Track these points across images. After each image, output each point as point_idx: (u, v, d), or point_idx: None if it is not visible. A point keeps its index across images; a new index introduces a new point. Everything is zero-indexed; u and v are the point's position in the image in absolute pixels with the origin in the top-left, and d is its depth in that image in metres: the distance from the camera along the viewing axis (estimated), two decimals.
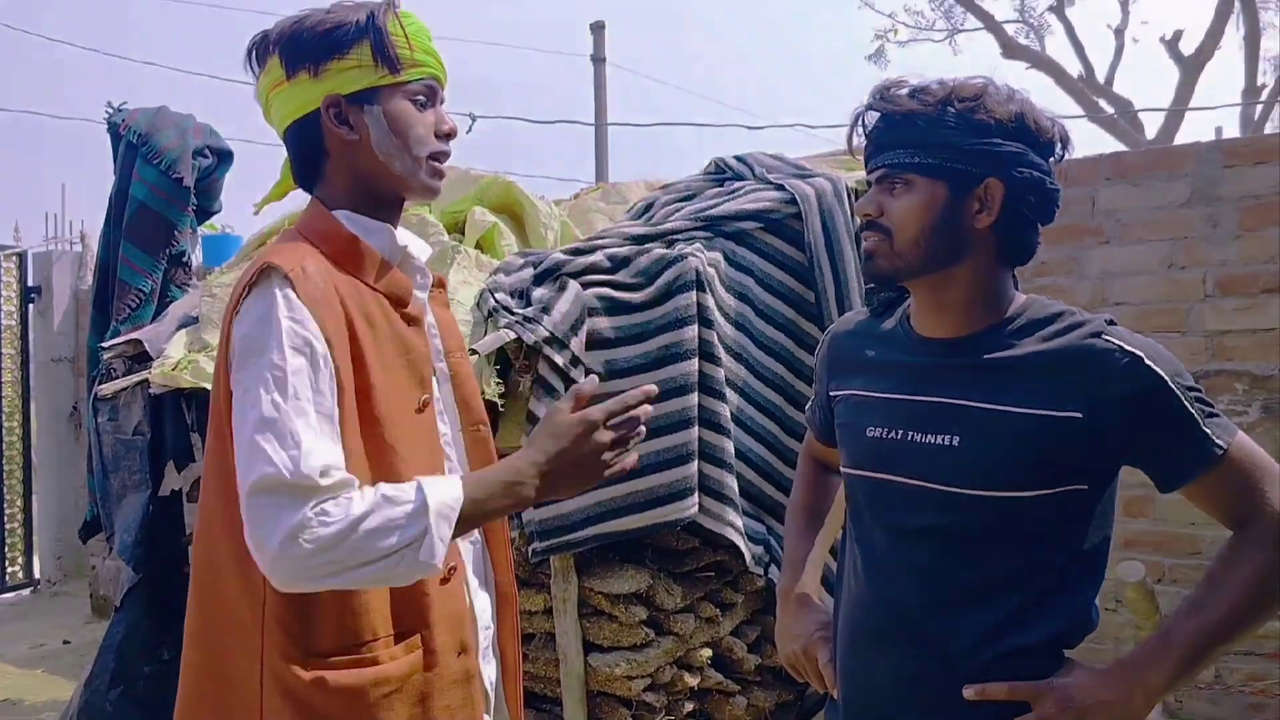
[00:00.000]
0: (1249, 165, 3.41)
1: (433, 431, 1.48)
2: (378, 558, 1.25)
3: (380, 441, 1.38)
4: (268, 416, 1.26)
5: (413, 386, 1.45)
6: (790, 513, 1.80)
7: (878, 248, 1.42)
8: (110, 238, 3.99)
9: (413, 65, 1.45)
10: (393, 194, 1.51)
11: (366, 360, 1.38)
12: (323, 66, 1.43)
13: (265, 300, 1.32)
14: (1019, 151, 1.38)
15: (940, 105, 1.37)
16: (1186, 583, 3.45)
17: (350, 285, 1.41)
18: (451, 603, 1.45)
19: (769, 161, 3.50)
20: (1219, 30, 13.31)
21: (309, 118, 1.46)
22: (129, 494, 3.46)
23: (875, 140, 1.44)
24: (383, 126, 1.45)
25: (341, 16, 1.43)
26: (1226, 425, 1.35)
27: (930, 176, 1.38)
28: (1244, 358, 3.41)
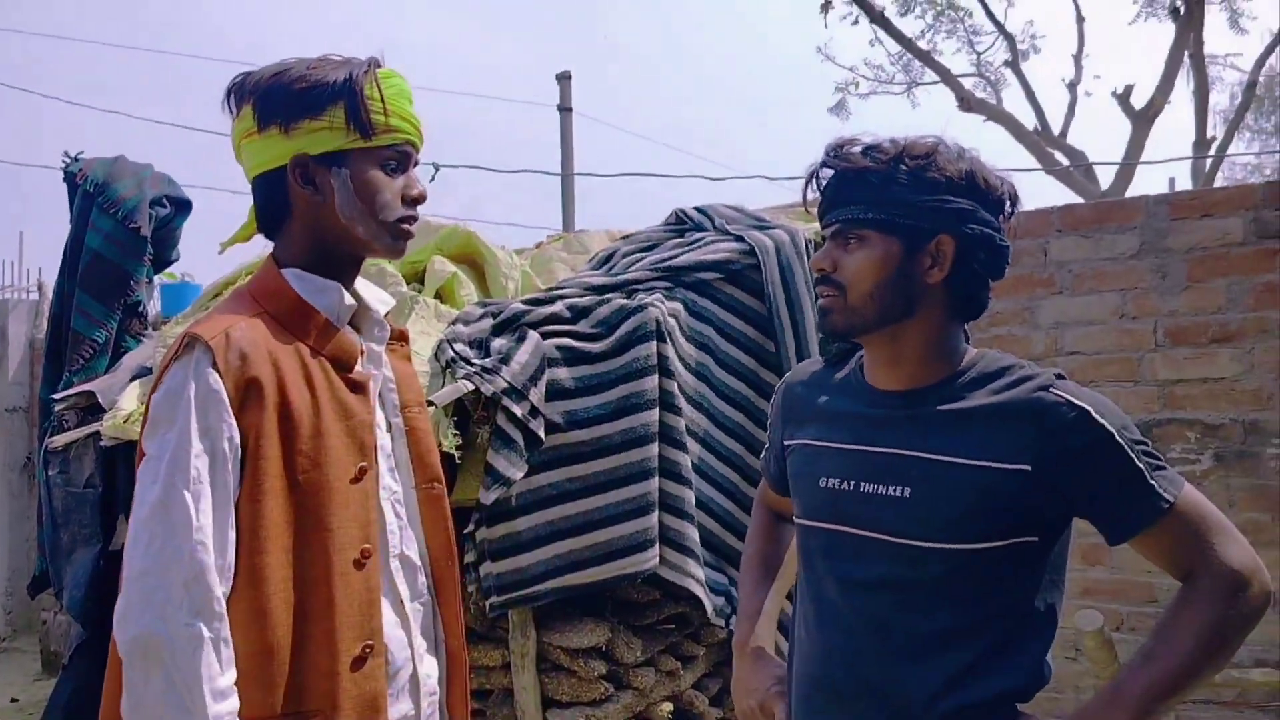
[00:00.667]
0: (1195, 218, 3.50)
1: (369, 500, 1.46)
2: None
3: (306, 511, 1.38)
4: (162, 499, 1.29)
5: (350, 453, 1.43)
6: (745, 563, 1.80)
7: (833, 303, 1.44)
8: (65, 288, 3.93)
9: (386, 131, 1.45)
10: (352, 254, 1.50)
11: (298, 427, 1.37)
12: (294, 125, 1.42)
13: (181, 375, 1.34)
14: (969, 208, 1.40)
15: (892, 162, 1.40)
16: (1144, 630, 3.47)
17: (291, 349, 1.41)
18: (365, 684, 1.41)
19: (728, 213, 3.54)
20: (1169, 85, 13.64)
21: (276, 172, 1.46)
22: (79, 548, 3.38)
23: (829, 196, 1.46)
24: (349, 191, 1.44)
25: (320, 75, 1.42)
26: (1174, 478, 1.37)
27: (883, 232, 1.40)
28: (1195, 407, 3.46)
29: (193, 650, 1.27)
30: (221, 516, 1.32)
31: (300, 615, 1.37)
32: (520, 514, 2.71)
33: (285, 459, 1.37)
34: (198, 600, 1.28)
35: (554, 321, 2.95)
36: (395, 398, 1.58)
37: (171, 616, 1.27)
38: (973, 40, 17.01)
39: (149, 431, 1.36)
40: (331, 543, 1.38)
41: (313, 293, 1.46)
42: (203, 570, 1.28)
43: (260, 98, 1.43)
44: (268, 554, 1.34)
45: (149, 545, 1.29)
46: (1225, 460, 3.41)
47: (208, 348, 1.34)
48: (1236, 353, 3.41)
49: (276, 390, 1.37)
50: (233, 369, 1.34)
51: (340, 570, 1.39)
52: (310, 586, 1.38)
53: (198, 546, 1.28)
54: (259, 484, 1.34)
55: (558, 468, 2.76)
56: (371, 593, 1.43)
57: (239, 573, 1.33)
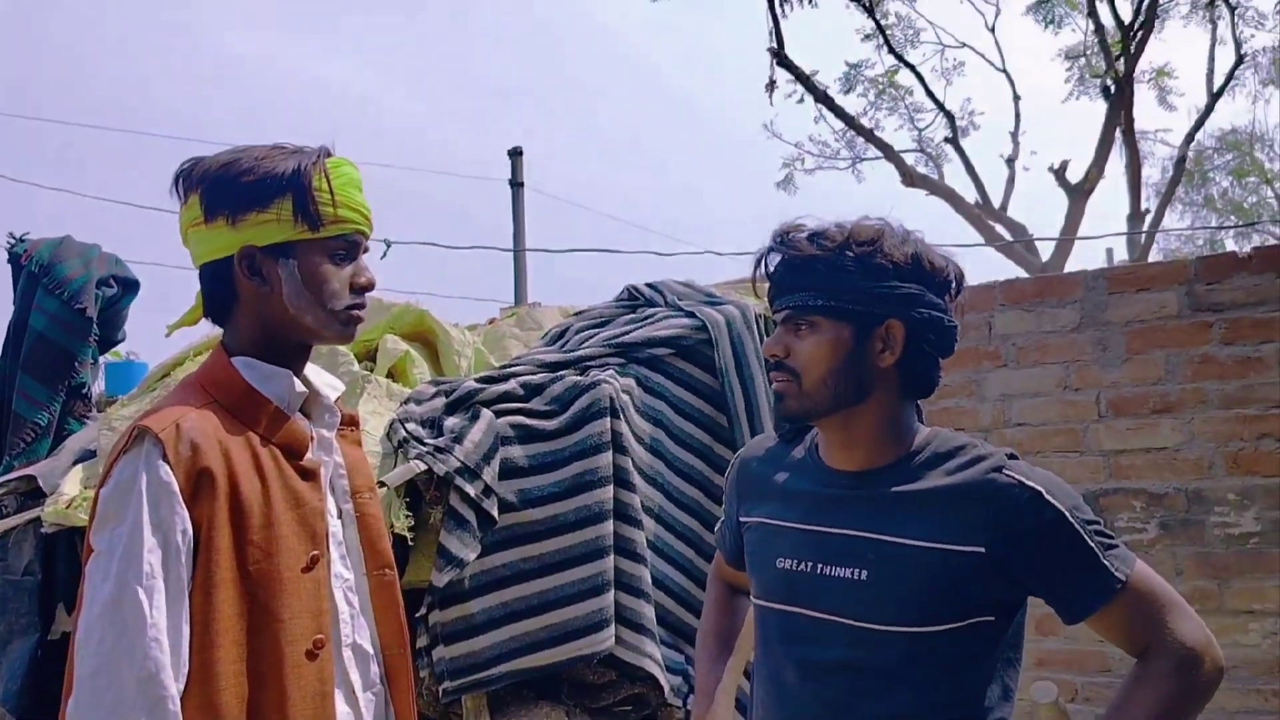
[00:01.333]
0: (1132, 291, 3.60)
1: (320, 589, 1.44)
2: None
3: (257, 602, 1.36)
4: (115, 597, 1.27)
5: (302, 542, 1.42)
6: (700, 639, 1.79)
7: (787, 389, 1.46)
8: (6, 370, 3.85)
9: (334, 221, 1.45)
10: (301, 342, 1.50)
11: (249, 517, 1.36)
12: (241, 217, 1.42)
13: (132, 468, 1.33)
14: (917, 292, 1.43)
15: (839, 250, 1.42)
16: (1099, 700, 3.48)
17: (242, 438, 1.41)
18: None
19: (679, 289, 3.58)
20: (1103, 159, 14.11)
21: (223, 261, 1.46)
22: (16, 639, 3.27)
23: (779, 282, 1.49)
24: (296, 282, 1.44)
25: (269, 167, 1.42)
26: (1126, 556, 1.39)
27: (833, 318, 1.43)
28: (1140, 476, 3.53)
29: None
30: (175, 611, 1.30)
31: (253, 709, 1.34)
32: (474, 596, 2.68)
33: (237, 549, 1.35)
34: (152, 700, 1.25)
35: (507, 399, 2.94)
36: (346, 484, 1.57)
37: (124, 717, 1.23)
38: (914, 117, 17.55)
39: (98, 526, 1.33)
40: (283, 634, 1.37)
41: (262, 380, 1.46)
42: (158, 669, 1.26)
43: (208, 188, 1.44)
44: (219, 648, 1.32)
45: (100, 644, 1.26)
46: (1171, 529, 3.47)
47: (158, 440, 1.33)
48: (1177, 423, 3.49)
49: (227, 480, 1.36)
50: (184, 460, 1.33)
51: (293, 662, 1.37)
52: (263, 679, 1.35)
53: (152, 644, 1.26)
54: (210, 576, 1.33)
55: (512, 547, 2.74)
56: (324, 684, 1.41)
57: (191, 668, 1.31)
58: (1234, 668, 3.35)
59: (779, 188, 18.16)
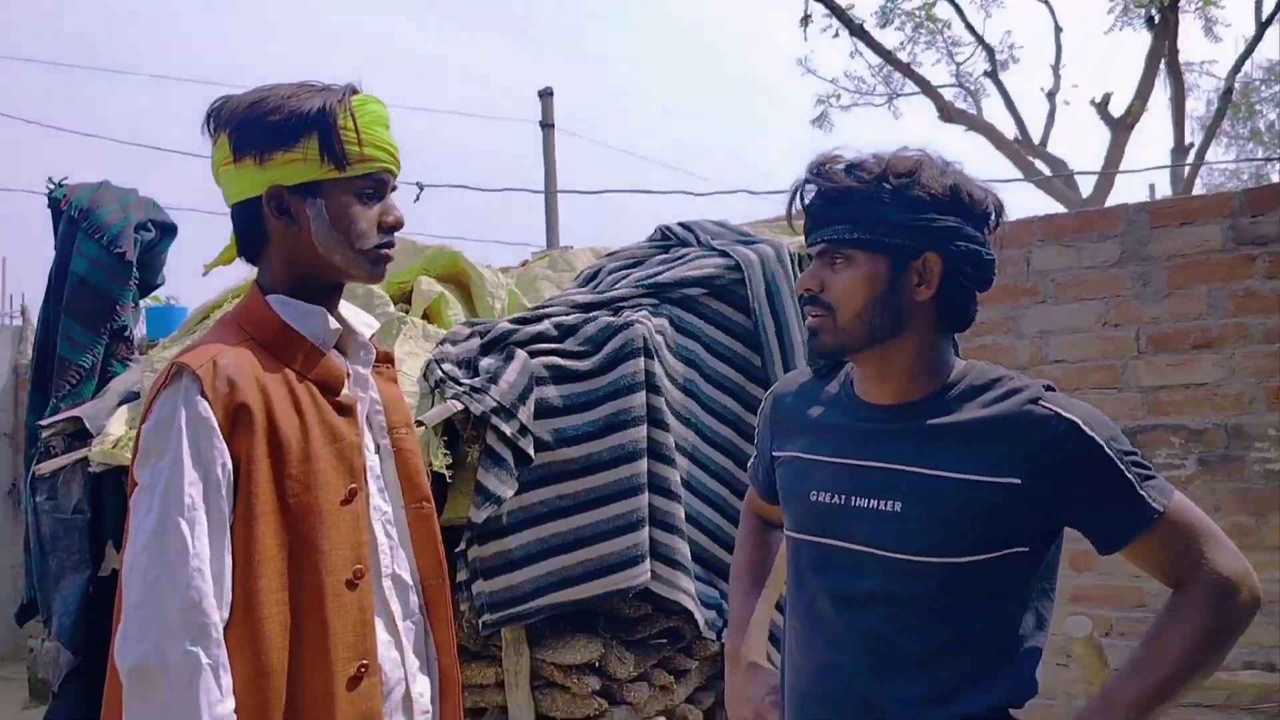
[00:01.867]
0: (1175, 226, 3.53)
1: (359, 521, 1.46)
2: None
3: (298, 534, 1.39)
4: (158, 529, 1.30)
5: (340, 476, 1.44)
6: (734, 572, 1.80)
7: (821, 324, 1.44)
8: (50, 314, 3.92)
9: (360, 160, 1.45)
10: (332, 281, 1.51)
11: (287, 452, 1.39)
12: (268, 156, 1.43)
13: (171, 404, 1.35)
14: (955, 226, 1.40)
15: (876, 181, 1.39)
16: (1134, 635, 3.49)
17: (279, 374, 1.42)
18: (361, 704, 1.42)
19: (713, 228, 3.56)
20: (1146, 92, 13.75)
21: (253, 201, 1.47)
22: (67, 575, 3.37)
23: (814, 215, 1.45)
24: (324, 221, 1.45)
25: (295, 105, 1.42)
26: (1163, 487, 1.38)
27: (869, 251, 1.40)
28: (1179, 412, 3.49)
29: (190, 677, 1.27)
30: (217, 542, 1.33)
31: (295, 638, 1.38)
32: (511, 532, 2.72)
33: (276, 483, 1.38)
34: (195, 627, 1.28)
35: (541, 340, 2.96)
36: (382, 419, 1.59)
37: (169, 644, 1.27)
38: (952, 51, 17.12)
39: (140, 461, 1.37)
40: (324, 564, 1.39)
41: (297, 318, 1.47)
42: (200, 597, 1.29)
43: (235, 128, 1.44)
44: (261, 578, 1.35)
45: (146, 574, 1.30)
46: (1210, 465, 3.44)
47: (195, 376, 1.35)
48: (1218, 358, 3.45)
49: (265, 416, 1.38)
50: (221, 396, 1.35)
51: (333, 591, 1.40)
52: (304, 609, 1.38)
53: (195, 574, 1.29)
54: (251, 508, 1.35)
55: (548, 485, 2.77)
56: (365, 613, 1.44)
57: (235, 598, 1.34)
58: (1269, 603, 3.34)
59: (814, 125, 17.88)
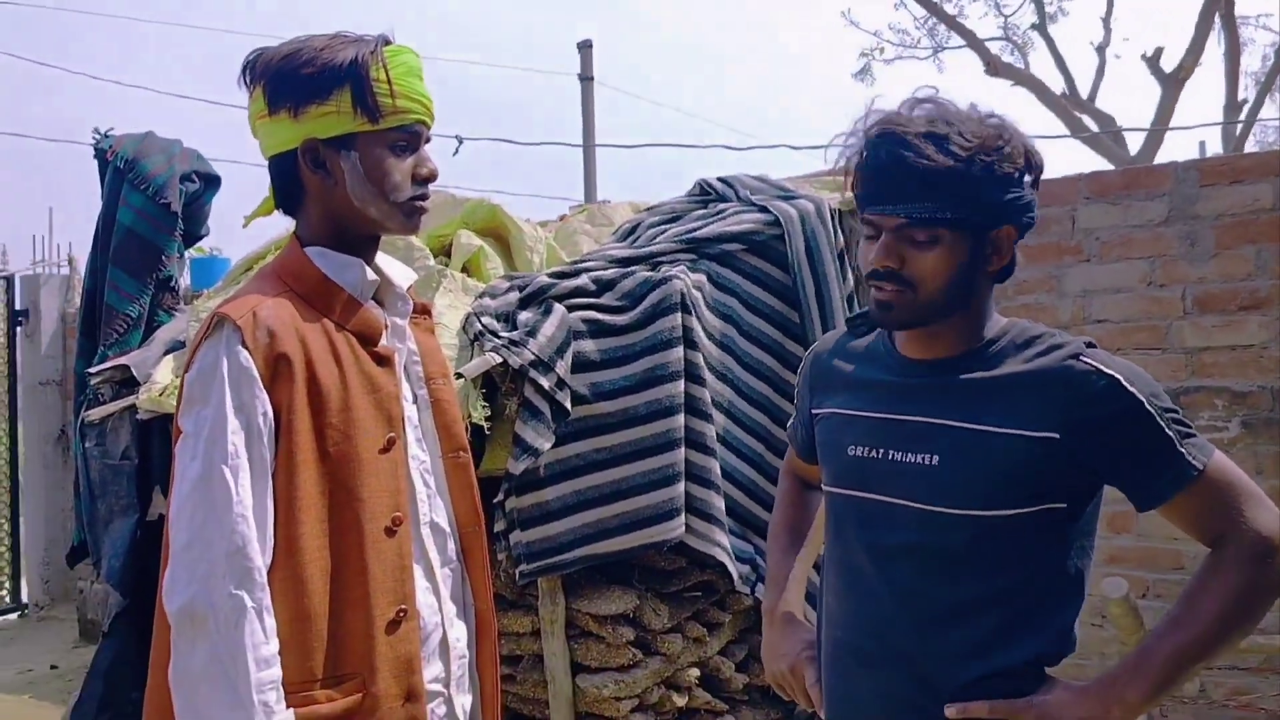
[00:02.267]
0: (1225, 184, 3.46)
1: (398, 469, 1.49)
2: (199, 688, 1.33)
3: (338, 481, 1.42)
4: (203, 476, 1.33)
5: (379, 425, 1.47)
6: (772, 531, 1.81)
7: (899, 299, 1.39)
8: (97, 263, 3.99)
9: (394, 113, 1.45)
10: (368, 233, 1.53)
11: (326, 401, 1.41)
12: (302, 109, 1.44)
13: (213, 353, 1.38)
14: (1031, 199, 1.39)
15: (969, 159, 1.34)
16: (1170, 598, 3.47)
17: (317, 325, 1.45)
18: (400, 647, 1.45)
19: (752, 183, 3.54)
20: (1199, 47, 13.42)
21: (289, 154, 1.48)
22: (116, 519, 3.46)
23: (896, 187, 1.36)
24: (359, 173, 1.46)
25: (328, 58, 1.43)
26: (1203, 445, 1.37)
27: (956, 229, 1.36)
28: (1223, 374, 3.45)
29: (236, 619, 1.31)
30: (260, 489, 1.36)
31: (336, 582, 1.41)
32: (549, 484, 2.75)
33: (316, 432, 1.40)
34: (239, 571, 1.32)
35: (579, 294, 2.97)
36: (420, 370, 1.61)
37: (215, 587, 1.31)
38: (999, 3, 16.77)
39: (184, 409, 1.40)
40: (363, 511, 1.42)
41: (336, 270, 1.49)
42: (244, 542, 1.32)
43: (270, 81, 1.45)
44: (303, 524, 1.38)
45: (191, 519, 1.33)
46: (1253, 427, 3.40)
47: (236, 326, 1.38)
48: (1265, 320, 3.39)
49: (304, 365, 1.40)
50: (261, 346, 1.38)
51: (373, 538, 1.43)
52: (344, 554, 1.42)
53: (239, 520, 1.32)
54: (292, 457, 1.38)
55: (585, 439, 2.80)
56: (403, 559, 1.47)
57: (277, 543, 1.38)
58: None
59: (856, 78, 17.67)
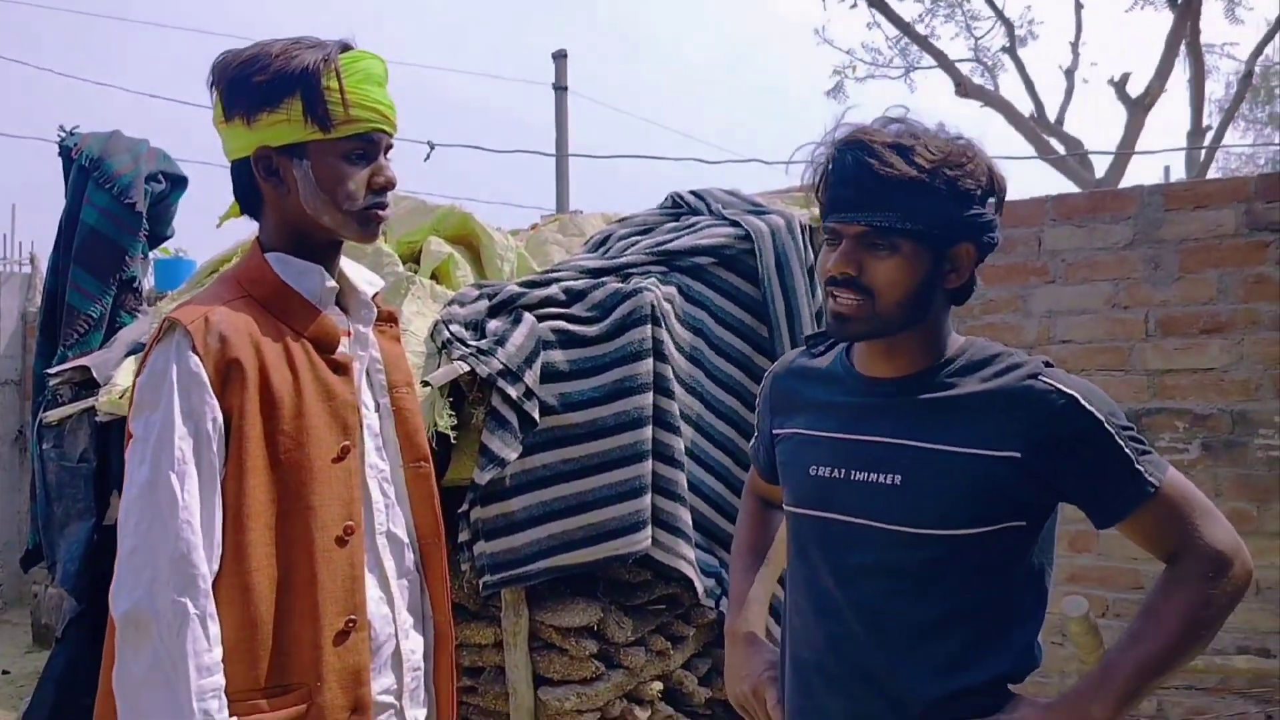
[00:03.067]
0: (1189, 209, 3.52)
1: (351, 478, 1.48)
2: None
3: (288, 489, 1.41)
4: (150, 481, 1.32)
5: (333, 433, 1.45)
6: (735, 550, 1.81)
7: (858, 310, 1.39)
8: (59, 263, 3.93)
9: (346, 121, 1.43)
10: (325, 240, 1.51)
11: (279, 408, 1.40)
12: (255, 117, 1.43)
13: (164, 359, 1.37)
14: (992, 218, 1.41)
15: (933, 172, 1.35)
16: (1129, 616, 3.50)
17: (274, 331, 1.44)
18: (348, 658, 1.44)
19: (724, 197, 3.54)
20: (1165, 73, 13.62)
21: (245, 160, 1.47)
22: (72, 522, 3.40)
23: (860, 194, 1.37)
24: (311, 183, 1.45)
25: (280, 65, 1.41)
26: (1159, 463, 1.40)
27: (917, 242, 1.37)
28: (1184, 396, 3.49)
29: (179, 626, 1.30)
30: (208, 496, 1.35)
31: (284, 590, 1.40)
32: (514, 494, 2.73)
33: (267, 438, 1.39)
34: (183, 578, 1.31)
35: (549, 304, 2.96)
36: (383, 378, 1.60)
37: (159, 593, 1.30)
38: (970, 25, 16.96)
39: (135, 413, 1.39)
40: (314, 520, 1.41)
41: (294, 276, 1.48)
42: (189, 549, 1.31)
43: (226, 86, 1.45)
44: (251, 531, 1.37)
45: (138, 525, 1.32)
46: (1213, 450, 3.44)
47: (187, 332, 1.37)
48: (1226, 344, 3.44)
49: (257, 371, 1.39)
50: (213, 351, 1.37)
51: (323, 547, 1.42)
52: (293, 563, 1.41)
53: (184, 526, 1.31)
54: (242, 463, 1.37)
55: (552, 449, 2.78)
56: (354, 569, 1.46)
57: (225, 550, 1.36)
58: (1268, 589, 3.35)
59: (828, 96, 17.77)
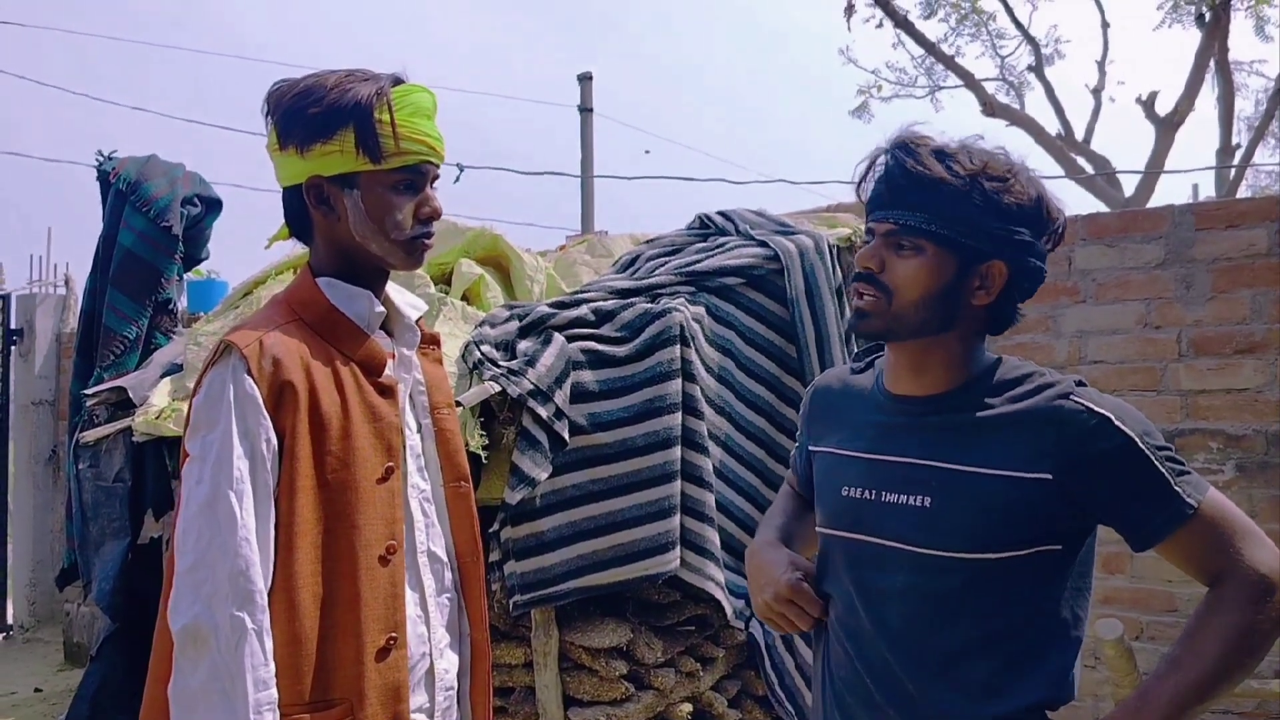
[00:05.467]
0: (1221, 228, 3.49)
1: (395, 499, 1.51)
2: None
3: (334, 509, 1.45)
4: (209, 499, 1.36)
5: (378, 454, 1.49)
6: (764, 518, 1.77)
7: (874, 306, 1.41)
8: (96, 284, 3.99)
9: (397, 154, 1.48)
10: (372, 267, 1.56)
11: (327, 429, 1.44)
12: (308, 147, 1.48)
13: (220, 380, 1.41)
14: (1031, 241, 1.39)
15: (970, 180, 1.36)
16: (1163, 639, 3.47)
17: (324, 354, 1.48)
18: (389, 675, 1.47)
19: (752, 218, 3.56)
20: (1194, 91, 13.52)
21: (297, 188, 1.52)
22: (107, 541, 3.44)
23: (893, 193, 1.40)
24: (360, 212, 1.49)
25: (335, 98, 1.46)
26: (1198, 483, 1.36)
27: (942, 246, 1.37)
28: (1218, 417, 3.46)
29: (237, 640, 1.33)
30: (263, 514, 1.39)
31: (328, 607, 1.43)
32: (544, 514, 2.74)
33: (315, 459, 1.43)
34: (242, 593, 1.34)
35: (579, 325, 2.97)
36: (425, 399, 1.63)
37: (218, 608, 1.33)
38: (996, 44, 16.93)
39: (191, 433, 1.43)
40: (358, 539, 1.45)
41: (344, 301, 1.52)
42: (248, 565, 1.35)
43: (281, 116, 1.50)
44: (299, 549, 1.41)
45: (197, 541, 1.36)
46: (1247, 471, 3.40)
47: (243, 355, 1.41)
48: (1260, 364, 3.41)
49: (308, 393, 1.43)
50: (266, 374, 1.41)
51: (366, 565, 1.45)
52: (337, 580, 1.44)
53: (243, 543, 1.35)
54: (293, 483, 1.41)
55: (581, 469, 2.79)
56: (396, 587, 1.49)
57: (275, 566, 1.40)
58: None
59: (854, 115, 17.76)
